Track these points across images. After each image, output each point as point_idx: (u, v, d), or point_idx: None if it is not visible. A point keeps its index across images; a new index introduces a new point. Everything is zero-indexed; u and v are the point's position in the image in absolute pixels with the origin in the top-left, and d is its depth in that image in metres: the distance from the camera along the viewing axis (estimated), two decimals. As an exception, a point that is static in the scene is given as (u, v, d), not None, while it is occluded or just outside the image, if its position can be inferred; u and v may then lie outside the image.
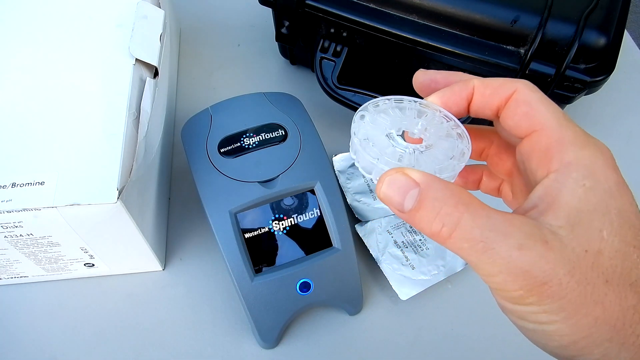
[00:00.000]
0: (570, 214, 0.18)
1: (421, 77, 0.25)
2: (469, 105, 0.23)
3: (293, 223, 0.38)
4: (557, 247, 0.18)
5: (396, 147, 0.22)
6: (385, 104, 0.24)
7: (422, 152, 0.22)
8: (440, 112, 0.23)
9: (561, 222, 0.18)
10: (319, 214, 0.38)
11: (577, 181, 0.19)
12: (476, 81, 0.22)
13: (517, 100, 0.21)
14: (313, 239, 0.38)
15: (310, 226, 0.38)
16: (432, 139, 0.23)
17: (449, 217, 0.18)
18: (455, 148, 0.23)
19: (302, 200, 0.38)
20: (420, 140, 0.23)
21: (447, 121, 0.23)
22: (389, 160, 0.21)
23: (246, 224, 0.37)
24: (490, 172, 0.28)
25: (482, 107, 0.22)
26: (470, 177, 0.28)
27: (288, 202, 0.38)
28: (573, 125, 0.20)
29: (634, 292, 0.18)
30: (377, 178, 0.21)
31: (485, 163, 0.27)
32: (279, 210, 0.38)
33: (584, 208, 0.18)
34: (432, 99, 0.23)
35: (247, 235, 0.37)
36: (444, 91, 0.23)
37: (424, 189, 0.19)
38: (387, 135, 0.23)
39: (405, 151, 0.22)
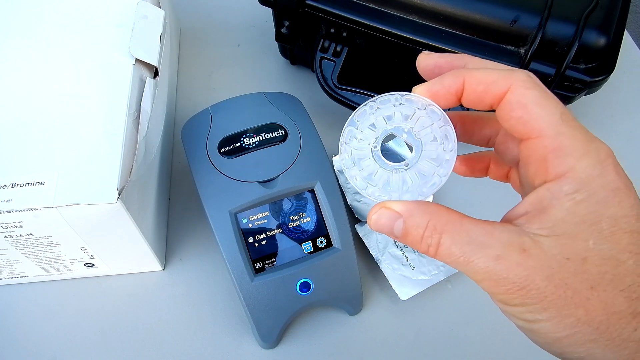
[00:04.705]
0: (555, 225, 0.19)
1: (424, 62, 0.24)
2: (460, 98, 0.22)
3: (293, 223, 0.38)
4: (536, 254, 0.19)
5: (383, 167, 0.23)
6: (371, 108, 0.24)
7: (406, 169, 0.23)
8: (428, 106, 0.23)
9: (545, 231, 0.19)
10: (319, 214, 0.38)
11: (568, 194, 0.19)
12: (467, 75, 0.21)
13: (511, 102, 0.20)
14: (313, 239, 0.38)
15: (310, 226, 0.38)
16: (418, 144, 0.23)
17: (431, 239, 0.20)
18: (441, 153, 0.22)
19: (302, 200, 0.38)
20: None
21: (436, 118, 0.23)
22: (376, 192, 0.23)
23: (246, 224, 0.37)
24: (498, 158, 0.27)
25: (474, 103, 0.22)
26: (477, 166, 0.28)
27: (288, 202, 0.38)
28: (572, 128, 0.20)
29: (625, 297, 0.18)
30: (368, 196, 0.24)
31: (492, 149, 0.26)
32: (278, 210, 0.38)
33: (570, 220, 0.19)
34: (420, 91, 0.22)
35: (247, 236, 0.37)
36: (434, 83, 0.22)
37: (406, 219, 0.21)
38: (373, 155, 0.23)
39: (392, 171, 0.23)
